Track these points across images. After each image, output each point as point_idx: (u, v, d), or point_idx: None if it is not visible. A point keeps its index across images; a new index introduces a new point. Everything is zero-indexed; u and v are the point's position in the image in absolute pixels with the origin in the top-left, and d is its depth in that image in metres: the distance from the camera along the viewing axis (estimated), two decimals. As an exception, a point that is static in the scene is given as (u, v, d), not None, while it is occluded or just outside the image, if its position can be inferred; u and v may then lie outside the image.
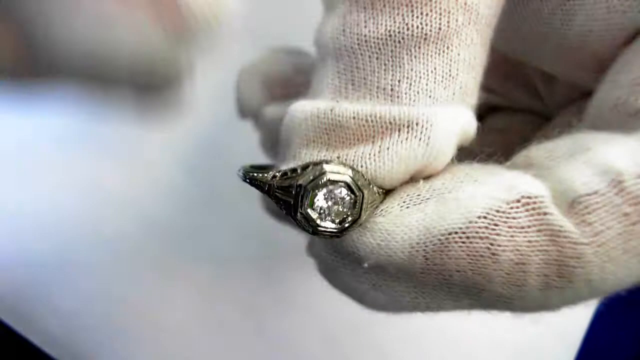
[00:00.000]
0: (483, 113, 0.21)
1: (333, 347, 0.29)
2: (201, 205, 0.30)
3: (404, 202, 0.13)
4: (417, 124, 0.13)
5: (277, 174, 0.13)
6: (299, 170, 0.12)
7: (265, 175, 0.13)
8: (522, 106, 0.20)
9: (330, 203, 0.12)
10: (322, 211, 0.12)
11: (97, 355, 0.29)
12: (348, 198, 0.12)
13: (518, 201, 0.12)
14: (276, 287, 0.30)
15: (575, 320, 0.29)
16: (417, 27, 0.13)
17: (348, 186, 0.12)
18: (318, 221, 0.12)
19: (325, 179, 0.12)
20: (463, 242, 0.12)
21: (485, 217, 0.12)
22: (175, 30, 0.12)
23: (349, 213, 0.12)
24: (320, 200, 0.12)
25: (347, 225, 0.12)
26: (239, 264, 0.30)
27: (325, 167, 0.12)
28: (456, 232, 0.12)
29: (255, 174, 0.13)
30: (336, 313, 0.29)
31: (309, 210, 0.12)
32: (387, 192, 0.13)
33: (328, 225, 0.12)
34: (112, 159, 0.30)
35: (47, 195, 0.30)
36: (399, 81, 0.13)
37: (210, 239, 0.30)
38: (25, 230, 0.30)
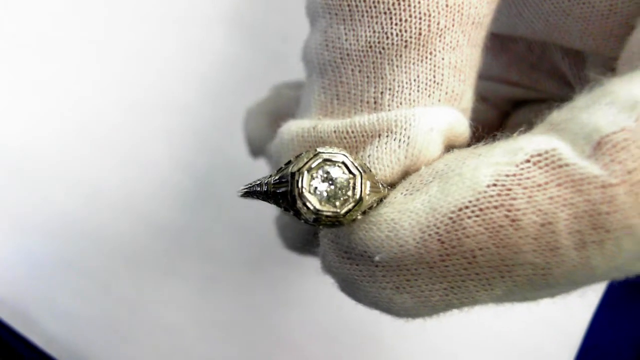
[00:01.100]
0: (508, 109, 0.20)
1: (333, 345, 0.29)
2: (201, 206, 0.30)
3: (406, 190, 0.12)
4: (396, 126, 0.13)
5: (273, 173, 0.12)
6: (292, 160, 0.12)
7: (261, 178, 0.13)
8: (551, 96, 0.19)
9: (328, 185, 0.11)
10: (321, 195, 0.11)
11: (97, 355, 0.29)
12: (346, 177, 0.12)
13: (528, 161, 0.11)
14: (273, 285, 0.30)
15: (575, 320, 0.29)
16: (397, 34, 0.13)
17: (345, 166, 0.12)
18: (318, 205, 0.11)
19: (320, 160, 0.11)
20: (477, 216, 0.11)
21: (495, 185, 0.11)
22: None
23: (349, 194, 0.12)
24: (317, 182, 0.11)
25: (349, 206, 0.11)
26: (239, 264, 0.30)
27: (319, 149, 0.12)
28: (466, 207, 0.11)
29: (252, 182, 0.13)
30: (336, 312, 0.29)
31: (308, 195, 0.11)
32: (393, 187, 0.13)
33: (329, 208, 0.11)
34: (112, 160, 0.30)
35: (47, 196, 0.30)
36: (381, 93, 0.13)
37: (210, 239, 0.30)
38: (25, 231, 0.30)
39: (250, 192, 0.12)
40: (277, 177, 0.12)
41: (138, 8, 0.31)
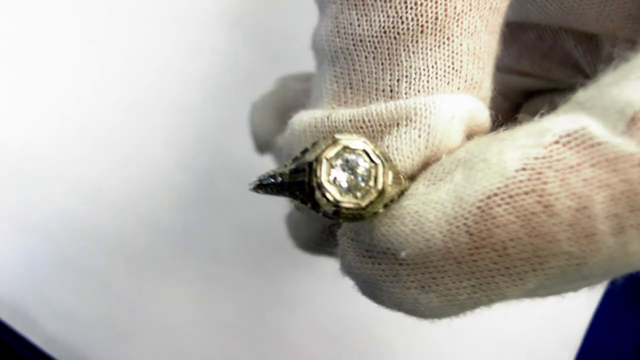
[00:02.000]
0: (520, 100, 0.20)
1: (335, 345, 0.29)
2: (201, 206, 0.30)
3: (428, 180, 0.11)
4: (415, 115, 0.12)
5: (288, 163, 0.12)
6: (309, 148, 0.11)
7: (274, 169, 0.12)
8: (564, 85, 0.18)
9: (348, 174, 0.11)
10: (341, 185, 0.11)
11: (97, 355, 0.29)
12: (367, 166, 0.11)
13: (557, 142, 0.10)
14: (276, 287, 0.30)
15: (575, 320, 0.29)
16: (412, 18, 0.12)
17: (366, 154, 0.11)
18: (338, 197, 0.11)
19: (339, 147, 0.11)
20: (507, 203, 0.10)
21: (524, 169, 0.10)
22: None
23: (371, 185, 0.11)
24: (337, 171, 0.11)
25: (372, 198, 0.11)
26: (239, 264, 0.30)
27: (337, 136, 0.11)
28: (495, 194, 0.10)
29: (263, 174, 0.12)
30: (335, 311, 0.29)
31: (327, 185, 0.10)
32: (413, 179, 0.12)
33: (350, 200, 0.11)
34: (112, 160, 0.30)
35: (47, 196, 0.30)
36: (397, 81, 0.12)
37: (210, 239, 0.30)
38: (25, 231, 0.30)
39: (263, 185, 0.12)
40: (293, 167, 0.11)
41: (138, 8, 0.31)
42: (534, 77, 0.19)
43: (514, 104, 0.20)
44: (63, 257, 0.30)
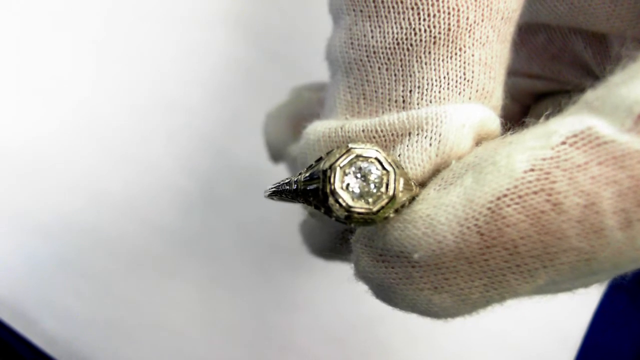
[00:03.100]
0: (530, 102, 0.20)
1: (335, 346, 0.29)
2: (201, 206, 0.30)
3: (439, 185, 0.12)
4: (426, 124, 0.12)
5: (302, 171, 0.12)
6: (323, 157, 0.12)
7: (289, 177, 0.12)
8: (573, 87, 0.18)
9: (361, 181, 0.11)
10: (353, 191, 0.11)
11: (97, 355, 0.29)
12: (379, 173, 0.11)
13: (564, 143, 0.11)
14: (276, 287, 0.30)
15: (575, 320, 0.29)
16: (425, 30, 0.12)
17: (378, 162, 0.11)
18: (350, 202, 0.11)
19: (352, 156, 0.11)
20: (517, 203, 0.11)
21: (532, 170, 0.11)
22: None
23: (382, 191, 0.11)
24: (350, 178, 0.11)
25: (382, 204, 0.11)
26: (239, 264, 0.30)
27: (351, 145, 0.11)
28: (505, 195, 0.11)
29: (278, 181, 0.12)
30: (337, 312, 0.29)
31: (340, 191, 0.11)
32: (424, 186, 0.12)
33: (362, 205, 0.11)
34: (113, 160, 0.30)
35: (47, 196, 0.30)
36: (410, 91, 0.13)
37: (210, 239, 0.30)
38: (25, 231, 0.30)
39: (278, 192, 0.12)
40: (307, 175, 0.12)
41: (138, 8, 0.31)
42: (543, 80, 0.19)
43: (524, 106, 0.20)
44: (64, 258, 0.30)
